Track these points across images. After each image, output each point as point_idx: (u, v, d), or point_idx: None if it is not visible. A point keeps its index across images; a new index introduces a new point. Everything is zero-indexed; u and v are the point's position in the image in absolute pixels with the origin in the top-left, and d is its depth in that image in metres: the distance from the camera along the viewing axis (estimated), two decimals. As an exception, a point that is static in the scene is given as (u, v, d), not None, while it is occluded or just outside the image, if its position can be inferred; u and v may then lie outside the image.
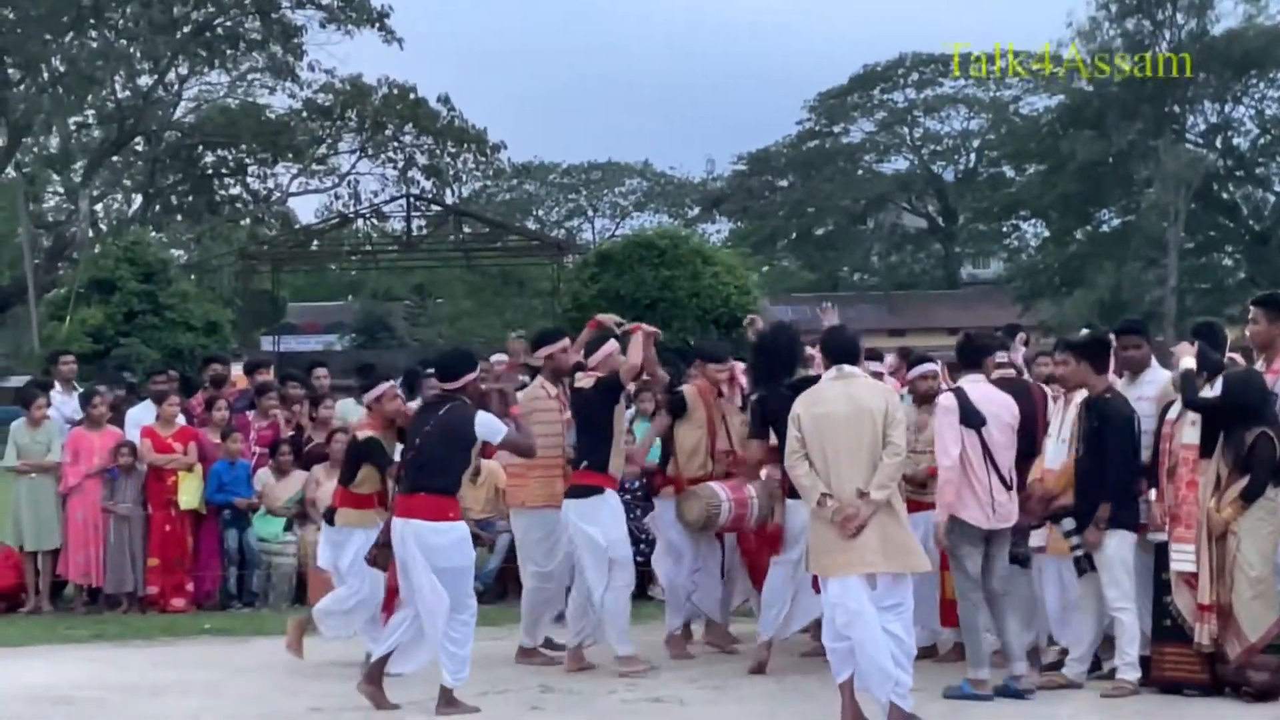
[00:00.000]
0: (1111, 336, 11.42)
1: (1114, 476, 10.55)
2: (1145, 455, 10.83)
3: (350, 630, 11.88)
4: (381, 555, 10.97)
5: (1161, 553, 10.69)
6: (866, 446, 9.54)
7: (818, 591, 10.14)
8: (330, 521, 11.96)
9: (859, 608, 9.41)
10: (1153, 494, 10.83)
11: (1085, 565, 10.62)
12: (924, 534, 11.30)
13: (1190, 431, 10.57)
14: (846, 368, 9.89)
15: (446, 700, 10.31)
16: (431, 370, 14.52)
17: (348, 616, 11.78)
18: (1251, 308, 10.96)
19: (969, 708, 10.17)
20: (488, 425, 10.50)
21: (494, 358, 13.17)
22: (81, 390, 17.17)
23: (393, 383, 11.98)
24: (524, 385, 12.36)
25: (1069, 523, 10.69)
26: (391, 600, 10.94)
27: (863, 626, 9.39)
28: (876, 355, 12.84)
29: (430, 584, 10.23)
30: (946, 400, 10.82)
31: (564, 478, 12.07)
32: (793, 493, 10.76)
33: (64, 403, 16.86)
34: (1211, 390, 10.53)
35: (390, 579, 10.85)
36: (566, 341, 12.44)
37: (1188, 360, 10.67)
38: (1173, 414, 10.72)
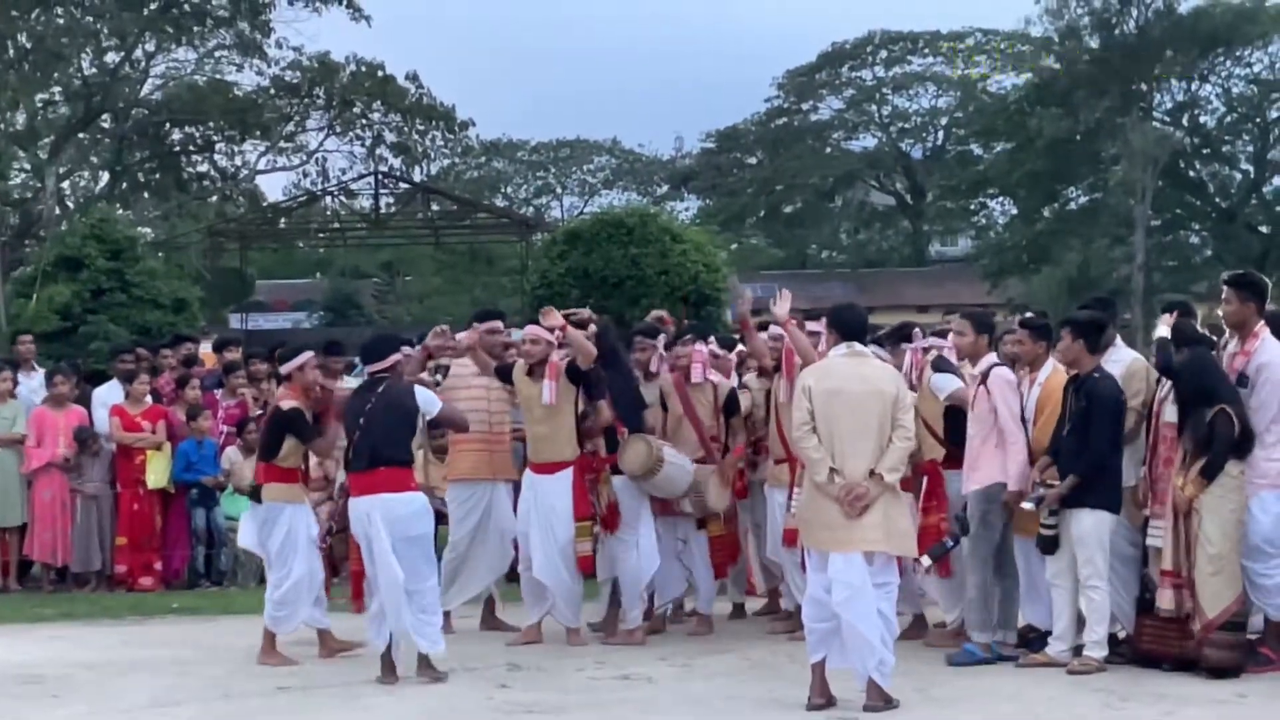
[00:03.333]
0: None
1: (1094, 456, 10.60)
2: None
3: (298, 621, 11.54)
4: (338, 543, 11.01)
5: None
6: (875, 426, 9.60)
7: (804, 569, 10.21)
8: (258, 499, 11.69)
9: (861, 584, 9.47)
10: (1142, 471, 10.92)
11: (1051, 545, 10.69)
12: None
13: (1171, 410, 10.64)
14: (857, 345, 9.93)
15: (426, 665, 10.57)
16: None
17: (292, 607, 11.43)
18: (1224, 288, 10.88)
19: (937, 685, 10.24)
20: (426, 398, 10.98)
21: (459, 336, 13.22)
22: (42, 370, 17.13)
23: (312, 353, 11.97)
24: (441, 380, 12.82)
25: (1034, 496, 10.77)
26: (359, 583, 10.90)
27: (860, 603, 9.45)
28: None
29: (392, 560, 10.41)
30: (1006, 372, 11.09)
31: (490, 452, 12.53)
32: None
33: (22, 382, 16.78)
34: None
35: (355, 562, 10.83)
36: (498, 324, 12.87)
37: (1162, 329, 10.74)
38: (1160, 392, 10.79)
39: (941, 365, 11.70)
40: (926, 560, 11.08)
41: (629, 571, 12.06)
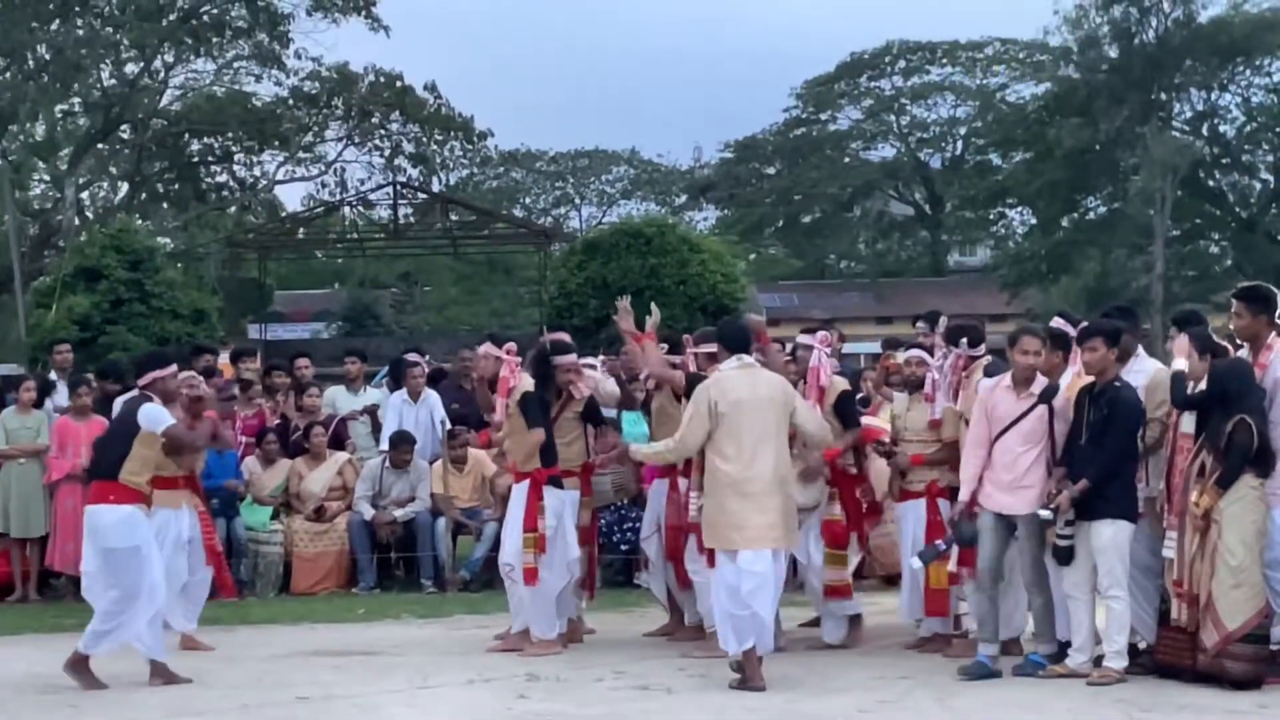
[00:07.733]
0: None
1: (1108, 463, 10.56)
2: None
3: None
4: None
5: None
6: (774, 431, 10.61)
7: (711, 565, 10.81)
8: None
9: (767, 574, 10.49)
10: (1162, 483, 10.87)
11: (1066, 556, 10.66)
12: (914, 523, 11.63)
13: (1188, 420, 10.56)
14: (745, 358, 10.80)
15: (74, 662, 10.98)
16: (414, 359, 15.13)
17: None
18: (1234, 301, 10.80)
19: (956, 695, 10.23)
20: (149, 415, 11.02)
21: (481, 349, 13.18)
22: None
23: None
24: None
25: (1045, 513, 10.73)
26: None
27: (767, 594, 10.47)
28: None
29: (94, 564, 11.00)
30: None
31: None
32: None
33: (60, 392, 16.82)
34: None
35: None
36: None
37: (1180, 361, 10.62)
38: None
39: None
40: (916, 562, 11.27)
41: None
